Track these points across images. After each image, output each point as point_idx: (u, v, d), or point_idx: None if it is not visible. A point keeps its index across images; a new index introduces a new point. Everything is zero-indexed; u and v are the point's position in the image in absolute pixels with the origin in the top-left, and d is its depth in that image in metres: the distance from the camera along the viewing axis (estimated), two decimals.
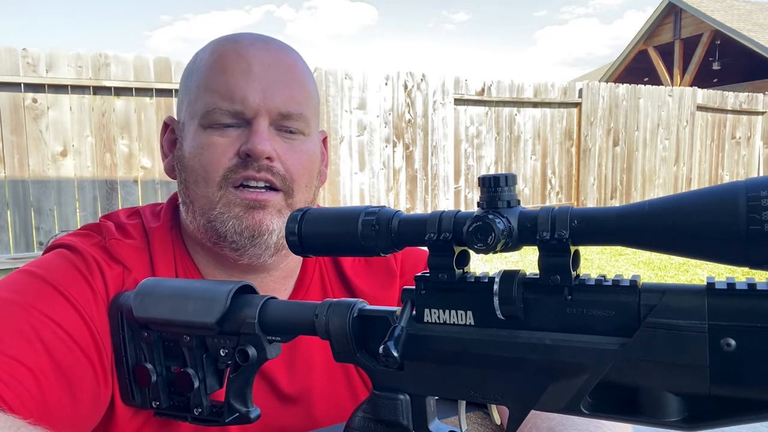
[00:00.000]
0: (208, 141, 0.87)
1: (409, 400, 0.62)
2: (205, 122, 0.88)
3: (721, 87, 14.21)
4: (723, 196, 0.43)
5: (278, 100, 0.88)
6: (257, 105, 0.86)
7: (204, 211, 0.88)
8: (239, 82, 0.86)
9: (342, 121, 7.31)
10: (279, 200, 0.88)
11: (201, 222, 0.89)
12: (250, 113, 0.87)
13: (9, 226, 5.73)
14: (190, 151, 0.89)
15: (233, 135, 0.87)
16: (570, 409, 0.53)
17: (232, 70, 0.87)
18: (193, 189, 0.89)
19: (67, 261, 0.84)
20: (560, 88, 9.07)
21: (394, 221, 0.58)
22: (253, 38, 0.91)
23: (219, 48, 0.90)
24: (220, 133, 0.87)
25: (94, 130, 5.97)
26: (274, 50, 0.91)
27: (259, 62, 0.88)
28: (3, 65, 5.52)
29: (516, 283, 0.54)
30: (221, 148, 0.86)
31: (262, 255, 0.88)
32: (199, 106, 0.88)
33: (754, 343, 0.45)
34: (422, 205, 7.99)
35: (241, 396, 0.73)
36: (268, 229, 0.87)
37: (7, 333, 0.73)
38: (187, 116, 0.91)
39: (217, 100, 0.87)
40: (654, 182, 10.13)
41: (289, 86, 0.89)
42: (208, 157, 0.87)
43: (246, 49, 0.89)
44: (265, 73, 0.88)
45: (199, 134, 0.88)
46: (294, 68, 0.92)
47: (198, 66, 0.91)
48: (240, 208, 0.87)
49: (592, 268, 6.76)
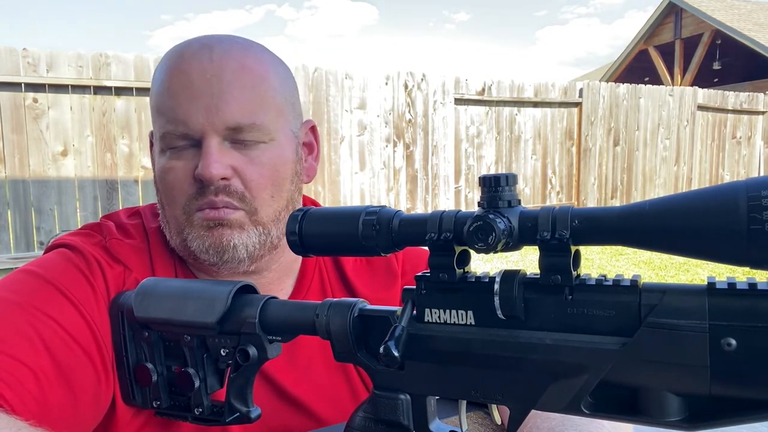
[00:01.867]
0: (168, 165, 0.87)
1: (409, 400, 0.62)
2: (163, 145, 0.87)
3: (721, 87, 14.20)
4: (723, 196, 0.43)
5: (223, 114, 0.83)
6: (201, 125, 0.83)
7: (177, 232, 0.88)
8: (181, 103, 0.83)
9: (342, 121, 7.31)
10: (240, 217, 0.86)
11: (177, 241, 0.89)
12: (196, 134, 0.84)
13: (9, 226, 5.73)
14: (158, 173, 0.89)
15: (189, 156, 0.85)
16: (570, 409, 0.53)
17: (175, 89, 0.84)
18: (166, 210, 0.89)
19: (68, 260, 0.84)
20: (561, 87, 9.07)
21: (394, 221, 0.58)
22: (198, 46, 0.86)
23: (167, 63, 0.87)
24: (177, 155, 0.86)
25: (95, 130, 5.98)
26: (218, 58, 0.84)
27: (199, 75, 0.83)
28: (3, 65, 5.52)
29: (517, 283, 0.54)
30: (180, 173, 0.85)
31: (237, 267, 0.89)
32: (156, 129, 0.88)
33: (754, 343, 0.45)
34: (423, 205, 7.99)
35: (241, 396, 0.73)
36: (230, 244, 0.86)
37: (8, 333, 0.73)
38: (153, 136, 0.91)
39: (166, 123, 0.85)
40: (654, 182, 10.13)
41: (236, 96, 0.84)
42: (171, 182, 0.86)
43: (188, 63, 0.84)
44: (206, 87, 0.83)
45: (161, 157, 0.88)
46: (242, 73, 0.85)
47: (153, 84, 0.89)
48: (202, 228, 0.86)
49: (593, 267, 6.76)
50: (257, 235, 0.87)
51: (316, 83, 7.11)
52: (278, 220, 0.89)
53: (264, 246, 0.88)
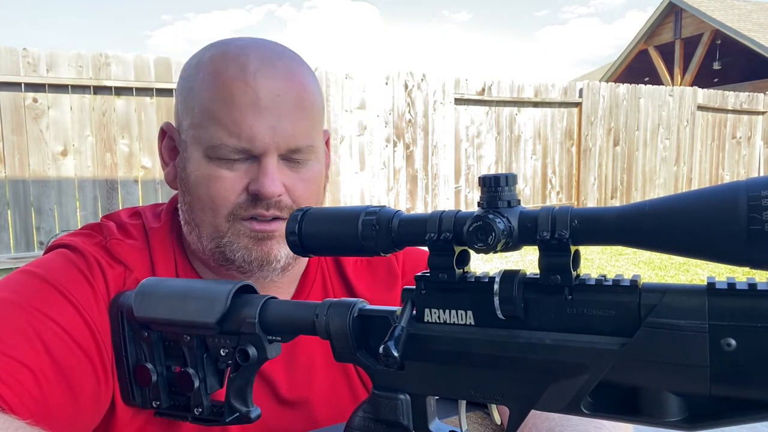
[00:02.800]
0: (215, 174, 0.85)
1: (409, 400, 0.62)
2: (212, 154, 0.84)
3: (721, 87, 14.20)
4: (723, 196, 0.43)
5: (287, 135, 0.84)
6: (266, 143, 0.83)
7: (212, 237, 0.87)
8: (246, 118, 0.82)
9: (342, 121, 7.31)
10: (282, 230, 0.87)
11: (208, 246, 0.88)
12: (258, 151, 0.83)
13: (9, 226, 5.73)
14: (196, 178, 0.86)
15: (241, 169, 0.85)
16: (570, 409, 0.53)
17: (239, 102, 0.82)
18: (199, 215, 0.88)
19: (68, 261, 0.84)
20: (561, 87, 9.07)
21: (394, 221, 0.58)
22: (259, 60, 0.85)
23: (222, 70, 0.84)
24: (227, 166, 0.84)
25: (95, 130, 5.98)
26: (282, 75, 0.85)
27: (267, 93, 0.83)
28: (3, 65, 5.52)
29: (516, 283, 0.54)
30: (229, 183, 0.84)
31: (269, 276, 0.89)
32: (203, 135, 0.85)
33: (754, 343, 0.45)
34: (422, 205, 7.99)
35: (241, 396, 0.73)
36: (276, 257, 0.87)
37: (8, 333, 0.73)
38: (190, 137, 0.87)
39: (224, 135, 0.83)
40: (654, 182, 10.13)
41: (298, 118, 0.85)
42: (216, 190, 0.85)
43: (253, 77, 0.83)
44: (273, 105, 0.83)
45: (204, 164, 0.85)
46: (303, 93, 0.87)
47: (199, 85, 0.86)
48: (249, 240, 0.86)
49: (593, 267, 6.76)
50: None
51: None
52: None
53: (294, 256, 0.89)
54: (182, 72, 0.91)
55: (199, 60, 0.89)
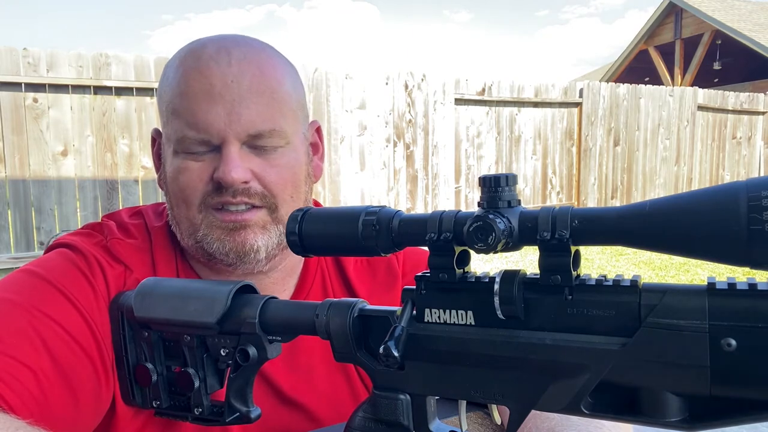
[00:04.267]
0: (182, 166, 0.86)
1: (409, 400, 0.62)
2: (178, 148, 0.86)
3: (721, 87, 14.20)
4: (724, 196, 0.43)
5: (245, 121, 0.83)
6: (222, 131, 0.83)
7: (190, 232, 0.88)
8: (201, 108, 0.83)
9: (342, 121, 7.31)
10: (262, 216, 0.87)
11: (189, 242, 0.89)
12: (217, 140, 0.84)
13: (10, 226, 5.73)
14: (170, 173, 0.89)
15: (207, 159, 0.85)
16: (570, 409, 0.53)
17: (194, 93, 0.83)
18: (176, 211, 0.89)
19: (69, 260, 0.84)
20: (561, 88, 9.06)
21: (394, 221, 0.58)
22: (216, 48, 0.85)
23: (183, 64, 0.86)
24: (193, 158, 0.86)
25: (95, 130, 5.97)
26: (237, 62, 0.84)
27: (220, 80, 0.83)
28: (4, 65, 5.52)
29: (517, 283, 0.54)
30: (196, 173, 0.85)
31: (254, 267, 0.89)
32: (170, 131, 0.87)
33: (754, 343, 0.45)
34: (423, 205, 7.99)
35: (241, 396, 0.73)
36: (253, 247, 0.86)
37: (8, 333, 0.73)
38: (164, 136, 0.90)
39: (184, 127, 0.84)
40: (655, 182, 10.13)
41: (256, 102, 0.84)
42: (185, 182, 0.86)
43: (207, 66, 0.84)
44: (227, 92, 0.83)
45: (174, 158, 0.87)
46: (261, 78, 0.85)
47: (166, 83, 0.88)
48: (221, 231, 0.86)
49: (593, 268, 6.75)
50: (277, 235, 0.88)
51: (316, 83, 7.11)
52: None
53: (279, 246, 0.89)
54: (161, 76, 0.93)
55: (168, 63, 0.91)
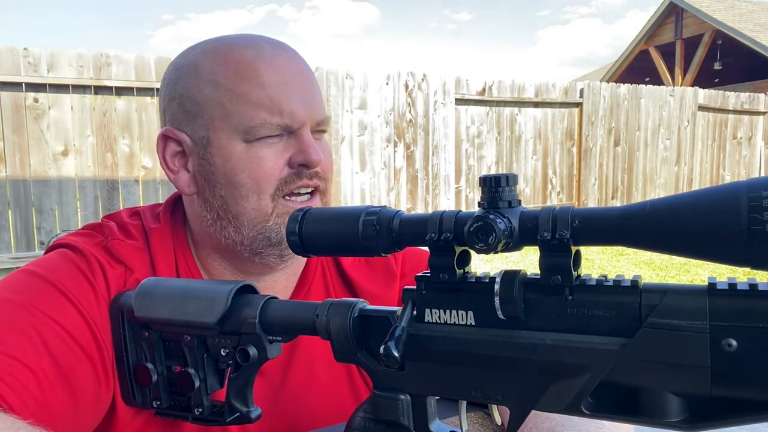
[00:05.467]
0: (257, 155, 0.86)
1: (409, 400, 0.62)
2: (251, 137, 0.85)
3: (722, 87, 14.19)
4: (724, 197, 0.43)
5: (316, 108, 0.90)
6: (303, 116, 0.88)
7: (255, 223, 0.87)
8: (283, 96, 0.86)
9: (343, 121, 7.31)
10: (318, 202, 0.92)
11: (249, 234, 0.88)
12: (297, 125, 0.88)
13: (10, 226, 5.73)
14: (234, 166, 0.86)
15: (279, 146, 0.87)
16: (571, 410, 0.53)
17: (270, 82, 0.86)
18: (241, 204, 0.87)
19: (69, 261, 0.84)
20: (561, 88, 9.06)
21: (395, 221, 0.58)
22: (269, 45, 0.90)
23: (239, 58, 0.86)
24: (267, 145, 0.87)
25: (95, 130, 5.98)
26: (293, 56, 0.91)
27: (290, 72, 0.88)
28: (4, 65, 5.52)
29: (517, 283, 0.54)
30: (272, 161, 0.87)
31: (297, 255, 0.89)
32: (238, 121, 0.85)
33: (755, 344, 0.45)
34: (423, 205, 7.99)
35: (241, 396, 0.73)
36: None
37: (9, 333, 0.73)
38: (215, 129, 0.86)
39: (264, 114, 0.85)
40: (655, 182, 10.12)
41: (317, 91, 0.92)
42: (260, 170, 0.86)
43: (273, 59, 0.88)
44: (297, 82, 0.89)
45: (242, 149, 0.86)
46: (310, 72, 0.93)
47: (210, 78, 0.86)
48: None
49: (593, 268, 6.75)
50: None
51: None
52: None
53: None
54: (171, 76, 0.91)
55: (193, 60, 0.89)
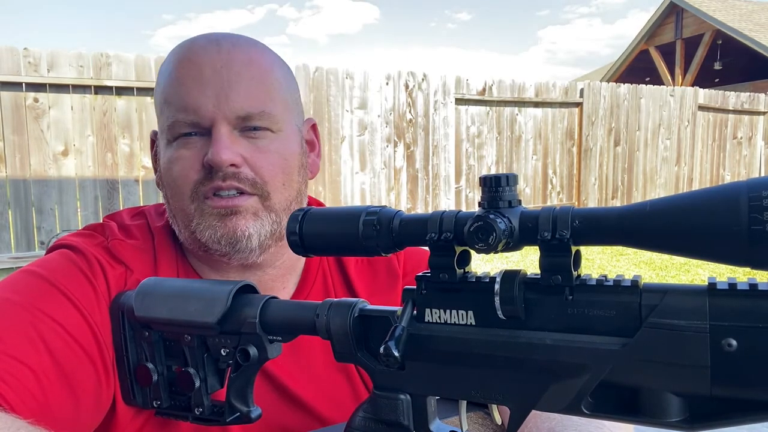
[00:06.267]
0: (175, 155, 0.87)
1: (409, 400, 0.62)
2: (170, 136, 0.87)
3: (722, 87, 14.18)
4: (724, 196, 0.43)
5: (233, 102, 0.85)
6: (211, 112, 0.84)
7: (185, 224, 0.88)
8: (191, 91, 0.85)
9: (343, 121, 7.31)
10: (253, 203, 0.87)
11: (185, 234, 0.89)
12: (206, 122, 0.85)
13: (10, 226, 5.73)
14: (164, 166, 0.90)
15: (198, 145, 0.86)
16: (571, 410, 0.53)
17: (184, 79, 0.86)
18: (173, 203, 0.90)
19: (70, 261, 0.84)
20: (561, 87, 9.06)
21: (395, 221, 0.58)
22: (206, 41, 0.89)
23: (174, 57, 0.89)
24: (184, 145, 0.86)
25: (96, 130, 5.98)
26: (226, 50, 0.87)
27: (209, 66, 0.85)
28: (4, 65, 5.52)
29: (517, 283, 0.54)
30: (188, 162, 0.86)
31: (248, 257, 0.88)
32: (163, 121, 0.88)
33: (755, 344, 0.45)
34: (423, 205, 7.99)
35: (242, 395, 0.73)
36: (244, 234, 0.86)
37: (9, 333, 0.73)
38: (159, 131, 0.92)
39: (175, 112, 0.86)
40: (655, 182, 10.12)
41: (245, 86, 0.86)
42: (177, 171, 0.87)
43: (196, 55, 0.87)
44: (216, 76, 0.85)
45: (168, 149, 0.88)
46: (250, 65, 0.87)
47: (160, 78, 0.91)
48: (213, 218, 0.86)
49: (593, 268, 6.75)
50: (270, 223, 0.88)
51: (316, 83, 7.11)
52: (289, 210, 0.90)
53: (273, 236, 0.89)
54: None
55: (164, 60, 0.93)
